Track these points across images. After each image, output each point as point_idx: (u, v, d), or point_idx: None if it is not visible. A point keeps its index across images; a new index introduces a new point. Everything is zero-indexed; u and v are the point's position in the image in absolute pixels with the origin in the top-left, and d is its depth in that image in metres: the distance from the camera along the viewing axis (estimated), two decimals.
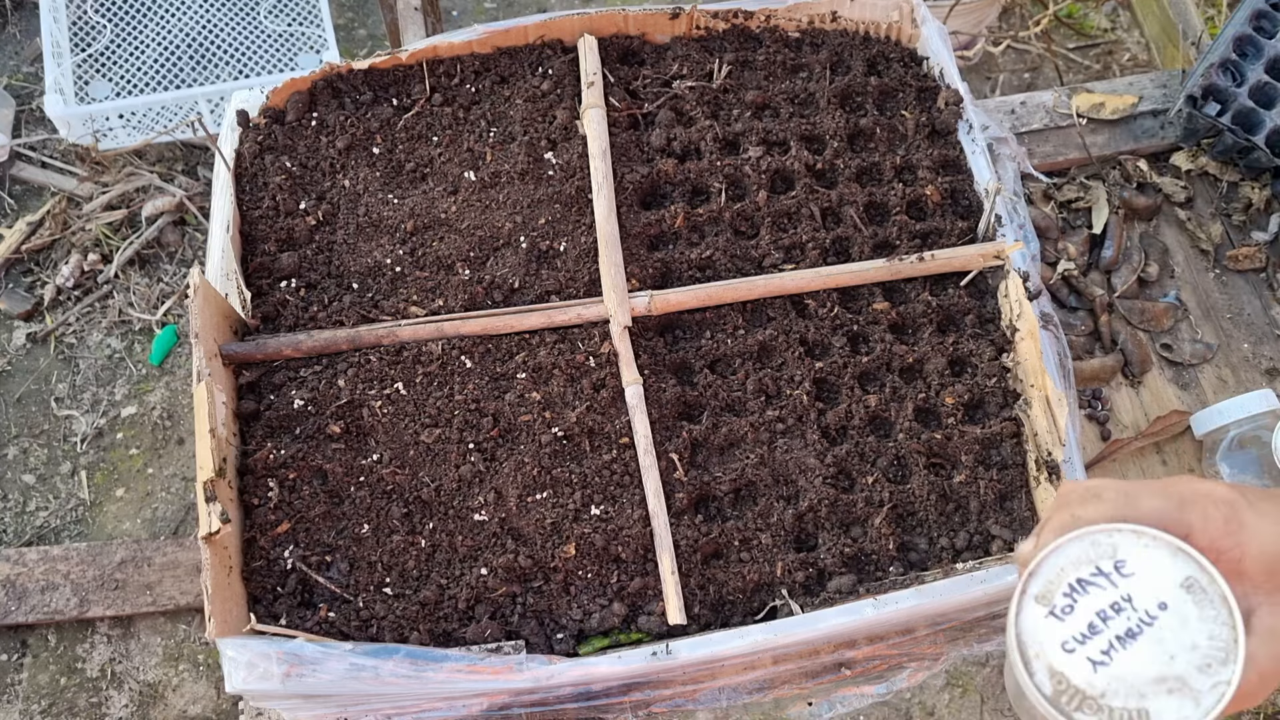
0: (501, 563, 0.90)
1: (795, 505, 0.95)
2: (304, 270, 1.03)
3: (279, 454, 0.93)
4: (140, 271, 1.51)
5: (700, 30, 1.18)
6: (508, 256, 1.04)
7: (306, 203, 1.06)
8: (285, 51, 1.69)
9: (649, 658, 0.85)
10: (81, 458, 1.38)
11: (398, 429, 0.95)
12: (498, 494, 0.93)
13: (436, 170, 1.09)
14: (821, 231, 1.07)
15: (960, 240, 1.08)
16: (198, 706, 1.20)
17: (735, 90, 1.15)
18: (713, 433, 0.97)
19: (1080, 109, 1.38)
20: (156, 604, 1.19)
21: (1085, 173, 1.38)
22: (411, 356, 0.98)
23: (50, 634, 1.24)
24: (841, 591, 0.90)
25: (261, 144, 1.08)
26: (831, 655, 0.97)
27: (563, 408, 0.97)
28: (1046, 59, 1.65)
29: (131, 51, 1.66)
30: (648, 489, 0.92)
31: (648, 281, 1.03)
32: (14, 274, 1.52)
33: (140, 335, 1.47)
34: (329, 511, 0.92)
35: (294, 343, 0.98)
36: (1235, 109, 1.30)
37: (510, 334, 1.00)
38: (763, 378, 1.00)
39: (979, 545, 0.94)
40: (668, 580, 0.89)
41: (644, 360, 0.99)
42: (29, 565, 1.21)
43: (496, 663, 0.83)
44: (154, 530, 1.33)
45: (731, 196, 1.09)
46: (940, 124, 1.14)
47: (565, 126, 1.10)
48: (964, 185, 1.11)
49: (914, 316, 1.05)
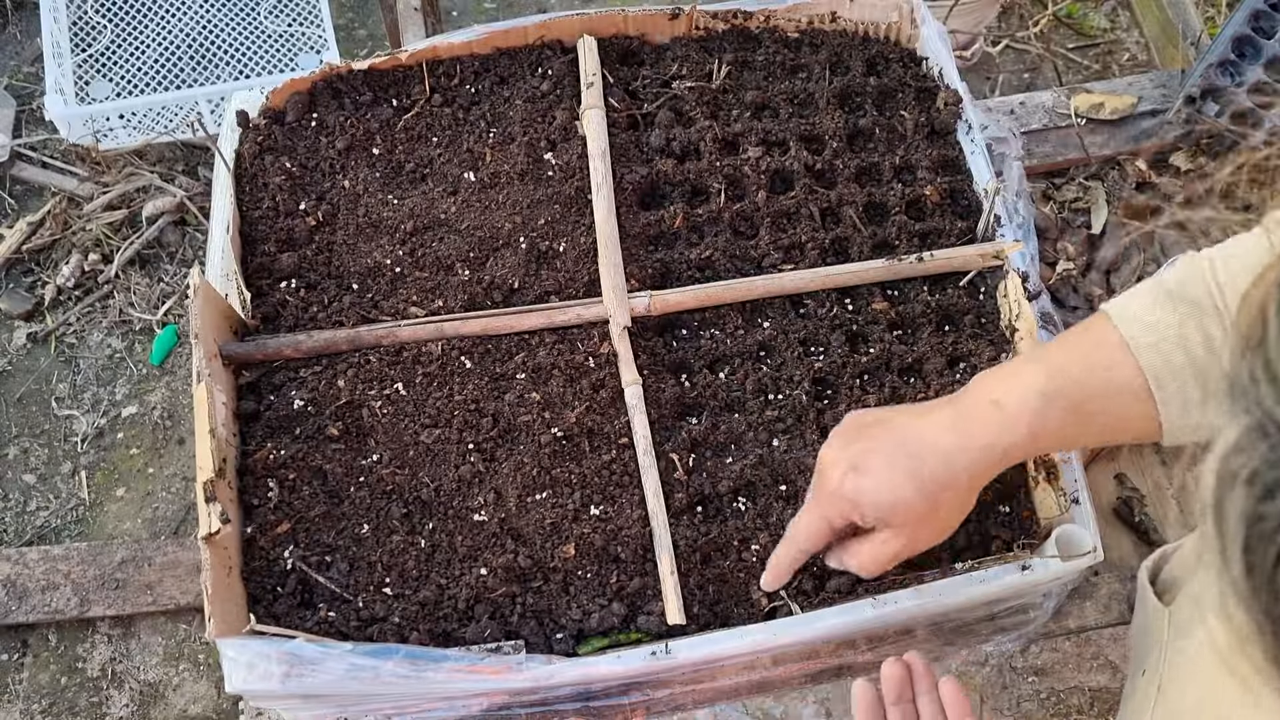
0: (501, 563, 0.90)
1: (795, 505, 0.95)
2: (304, 271, 1.03)
3: (279, 454, 0.93)
4: (140, 271, 1.51)
5: (700, 31, 1.18)
6: (507, 257, 1.04)
7: (306, 203, 1.07)
8: (285, 51, 1.69)
9: (648, 658, 0.85)
10: (82, 458, 1.38)
11: (397, 429, 0.95)
12: (497, 494, 0.93)
13: (436, 171, 1.09)
14: (821, 231, 1.08)
15: (959, 240, 1.08)
16: (198, 706, 1.20)
17: (735, 90, 1.15)
18: (712, 432, 0.97)
19: (1079, 109, 1.39)
20: (157, 604, 1.19)
21: (1085, 173, 1.39)
22: (411, 357, 0.98)
23: (51, 633, 1.24)
24: (840, 591, 0.90)
25: (261, 144, 1.08)
26: (831, 656, 0.97)
27: (562, 408, 0.97)
28: (1046, 59, 1.65)
29: (132, 51, 1.66)
30: (647, 489, 0.93)
31: (647, 282, 1.03)
32: (14, 274, 1.52)
33: (141, 335, 1.47)
34: (329, 512, 0.92)
35: (294, 343, 0.98)
36: (1234, 109, 1.30)
37: (510, 334, 1.00)
38: (762, 377, 1.00)
39: (978, 545, 0.94)
40: (667, 580, 0.89)
41: (643, 360, 0.99)
42: (30, 565, 1.21)
43: (496, 663, 0.83)
44: (154, 530, 1.33)
45: (731, 196, 1.09)
46: (939, 124, 1.14)
47: (565, 127, 1.10)
48: (963, 185, 1.11)
49: (913, 316, 1.05)
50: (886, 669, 0.80)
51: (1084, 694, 1.09)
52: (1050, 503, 0.93)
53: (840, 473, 0.73)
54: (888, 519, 0.74)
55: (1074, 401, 0.71)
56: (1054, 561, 0.88)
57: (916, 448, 0.72)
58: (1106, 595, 1.12)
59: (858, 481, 0.72)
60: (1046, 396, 0.71)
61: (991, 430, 0.72)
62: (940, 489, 0.73)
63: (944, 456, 0.72)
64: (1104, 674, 1.09)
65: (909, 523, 0.74)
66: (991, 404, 0.72)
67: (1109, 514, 1.18)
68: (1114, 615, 1.11)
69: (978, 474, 0.73)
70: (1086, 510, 0.92)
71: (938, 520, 0.75)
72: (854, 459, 0.73)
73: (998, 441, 0.72)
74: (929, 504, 0.73)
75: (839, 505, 0.75)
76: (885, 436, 0.74)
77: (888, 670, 0.80)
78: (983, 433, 0.72)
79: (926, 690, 0.79)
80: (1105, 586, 1.12)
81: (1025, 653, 1.07)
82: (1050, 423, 0.71)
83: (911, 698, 0.79)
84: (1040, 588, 0.94)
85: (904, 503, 0.72)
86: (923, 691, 0.79)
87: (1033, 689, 1.06)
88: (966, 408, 0.73)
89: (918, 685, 0.80)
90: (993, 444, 0.72)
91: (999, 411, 0.72)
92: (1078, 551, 0.89)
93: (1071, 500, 0.92)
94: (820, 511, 0.76)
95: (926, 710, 0.78)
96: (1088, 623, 1.11)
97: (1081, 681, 1.09)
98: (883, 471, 0.72)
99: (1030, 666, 1.07)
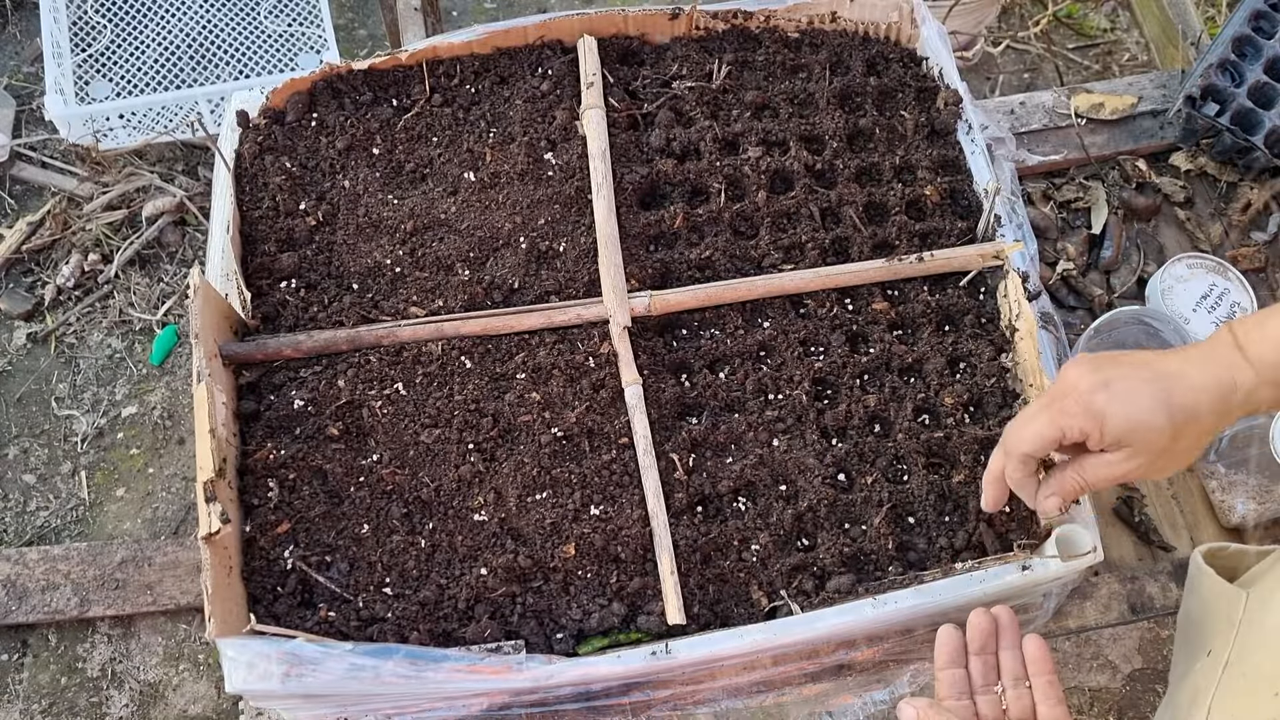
0: (501, 563, 0.90)
1: (794, 505, 0.95)
2: (304, 270, 1.03)
3: (279, 454, 0.93)
4: (140, 271, 1.51)
5: (700, 31, 1.18)
6: (507, 257, 1.04)
7: (306, 203, 1.07)
8: (285, 51, 1.69)
9: (648, 658, 0.85)
10: (82, 458, 1.38)
11: (397, 429, 0.95)
12: (497, 494, 0.93)
13: (436, 171, 1.09)
14: (821, 231, 1.08)
15: (959, 240, 1.08)
16: (198, 706, 1.20)
17: (735, 90, 1.15)
18: (712, 432, 0.97)
19: (1080, 109, 1.39)
20: (157, 604, 1.19)
21: (1084, 173, 1.38)
22: (411, 357, 0.98)
23: (51, 633, 1.24)
24: (840, 591, 0.90)
25: (261, 144, 1.08)
26: (831, 656, 0.97)
27: (562, 408, 0.97)
28: (1046, 59, 1.65)
29: (131, 51, 1.66)
30: (647, 489, 0.93)
31: (647, 282, 1.03)
32: (14, 274, 1.52)
33: (141, 335, 1.47)
34: (329, 511, 0.92)
35: (294, 343, 0.98)
36: (1234, 109, 1.30)
37: (510, 334, 1.00)
38: (762, 377, 1.00)
39: (978, 545, 0.94)
40: (667, 580, 0.89)
41: (643, 360, 0.99)
42: (29, 565, 1.21)
43: (496, 663, 0.83)
44: (154, 530, 1.33)
45: (731, 196, 1.09)
46: (939, 124, 1.14)
47: (565, 127, 1.10)
48: (963, 185, 1.11)
49: (913, 316, 1.05)
50: (974, 618, 0.81)
51: (1084, 694, 1.09)
52: None
53: (1091, 386, 0.74)
54: (1130, 440, 0.75)
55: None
56: (1054, 561, 0.88)
57: (1166, 379, 0.74)
58: (1106, 595, 1.12)
59: (1109, 398, 0.74)
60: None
61: (1235, 372, 0.74)
62: (1187, 420, 0.74)
63: (1192, 390, 0.74)
64: (1104, 674, 1.09)
65: (1149, 448, 0.75)
66: (1236, 348, 0.75)
67: (1109, 514, 1.18)
68: (1114, 615, 1.11)
69: (1221, 412, 0.75)
70: (1086, 510, 0.92)
71: (1177, 451, 0.76)
72: (1107, 378, 0.74)
73: (1240, 383, 0.74)
74: (1173, 432, 0.74)
75: (1082, 419, 0.75)
76: (1137, 363, 0.76)
77: (975, 620, 0.81)
78: (1226, 374, 0.74)
79: (1010, 645, 0.81)
80: (1105, 586, 1.12)
81: None
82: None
83: (994, 649, 0.81)
84: (1040, 588, 0.94)
85: (1151, 426, 0.74)
86: (1007, 646, 0.81)
87: None
88: (1212, 348, 0.76)
89: (1002, 639, 0.81)
90: (1235, 385, 0.74)
91: (1241, 356, 0.74)
92: (1078, 551, 0.89)
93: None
94: (1059, 421, 0.76)
95: (1008, 664, 0.80)
96: (1088, 623, 1.10)
97: (1081, 681, 1.09)
98: (1134, 394, 0.74)
99: None
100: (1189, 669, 0.89)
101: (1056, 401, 0.76)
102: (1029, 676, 0.79)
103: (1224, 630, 0.85)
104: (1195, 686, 0.85)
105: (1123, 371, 0.75)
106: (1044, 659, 0.79)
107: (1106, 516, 1.18)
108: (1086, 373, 0.76)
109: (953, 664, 0.80)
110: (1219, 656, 0.83)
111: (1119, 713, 1.08)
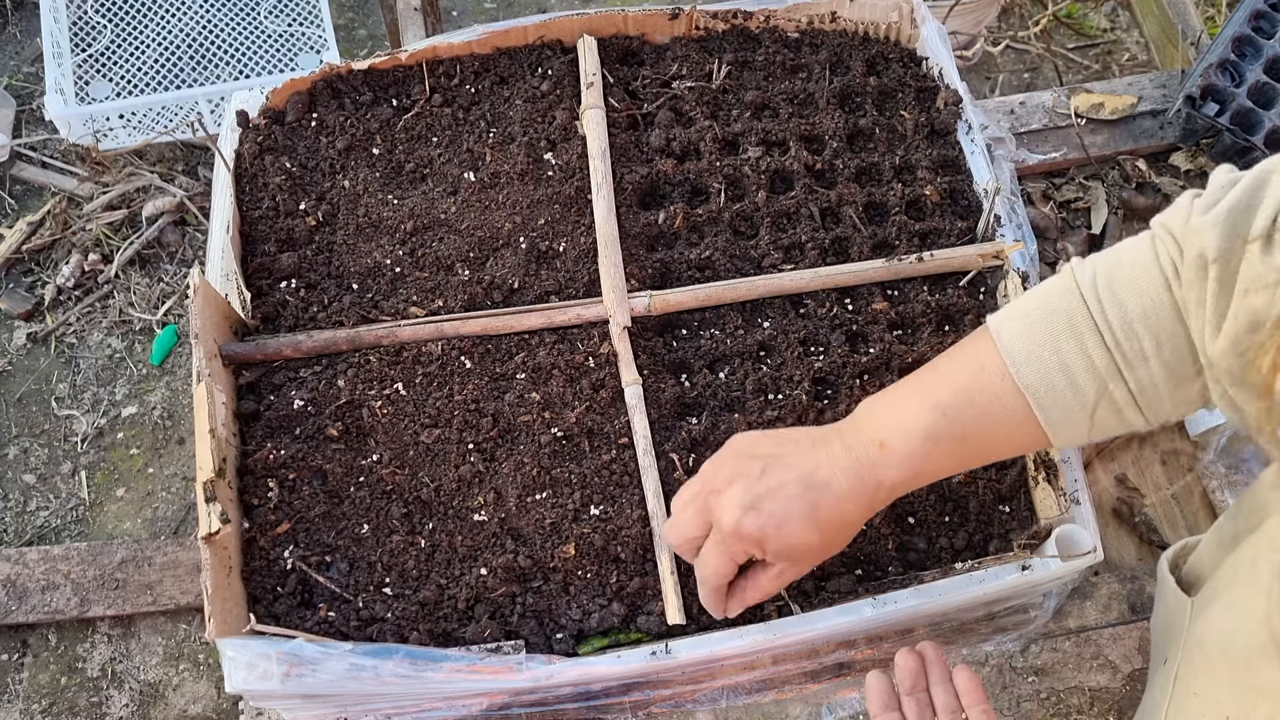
0: (501, 563, 0.90)
1: None
2: (304, 270, 1.03)
3: (279, 454, 0.93)
4: (140, 271, 1.51)
5: (700, 30, 1.18)
6: (507, 257, 1.04)
7: (306, 203, 1.07)
8: (285, 51, 1.69)
9: (648, 658, 0.85)
10: (82, 457, 1.38)
11: (397, 429, 0.95)
12: (497, 494, 0.93)
13: (436, 171, 1.09)
14: (821, 231, 1.08)
15: (959, 240, 1.08)
16: (198, 706, 1.20)
17: (735, 90, 1.15)
18: (712, 432, 0.97)
19: (1079, 109, 1.39)
20: (157, 604, 1.19)
21: (1084, 173, 1.39)
22: (411, 357, 0.98)
23: (51, 633, 1.24)
24: (840, 591, 0.90)
25: (261, 144, 1.08)
26: (831, 655, 0.97)
27: (562, 408, 0.97)
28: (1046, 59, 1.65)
29: (131, 51, 1.66)
30: (647, 489, 0.93)
31: (647, 282, 1.03)
32: (14, 274, 1.52)
33: (141, 335, 1.47)
34: (329, 512, 0.92)
35: (294, 343, 0.98)
36: (1234, 109, 1.30)
37: (510, 334, 1.00)
38: (762, 377, 1.00)
39: (978, 545, 0.94)
40: (667, 580, 0.89)
41: (643, 360, 0.99)
42: (29, 565, 1.21)
43: (496, 663, 0.83)
44: (154, 530, 1.33)
45: (731, 196, 1.09)
46: (939, 124, 1.14)
47: (565, 127, 1.10)
48: (963, 185, 1.11)
49: (913, 316, 1.05)
50: (900, 659, 0.80)
51: (1084, 694, 1.09)
52: (1050, 503, 0.93)
53: (740, 513, 0.74)
54: (788, 555, 0.76)
55: (958, 437, 0.74)
56: (1054, 561, 0.88)
57: (813, 491, 0.74)
58: (1106, 595, 1.12)
59: (759, 522, 0.74)
60: (933, 438, 0.73)
61: (879, 471, 0.74)
62: (837, 530, 0.76)
63: (838, 500, 0.75)
64: (1104, 674, 1.09)
65: (806, 558, 0.78)
66: (879, 446, 0.75)
67: (1109, 514, 1.18)
68: (1114, 615, 1.11)
69: (868, 508, 0.76)
70: (1086, 510, 0.92)
71: (829, 550, 0.78)
72: (756, 497, 0.74)
73: (884, 481, 0.75)
74: (824, 542, 0.76)
75: (742, 545, 0.76)
76: (786, 466, 0.75)
77: (901, 661, 0.80)
78: (871, 475, 0.74)
79: (940, 680, 0.80)
80: (1105, 586, 1.12)
81: (1025, 653, 1.07)
82: (934, 461, 0.74)
83: (925, 687, 0.80)
84: (1040, 588, 0.94)
85: (805, 544, 0.75)
86: (936, 681, 0.80)
87: (1033, 689, 1.06)
88: (854, 446, 0.76)
89: (931, 675, 0.80)
90: (880, 483, 0.75)
91: (886, 454, 0.74)
92: (1078, 551, 0.89)
93: (1072, 500, 0.92)
94: (726, 552, 0.77)
95: (941, 700, 0.79)
96: (1088, 623, 1.11)
97: (1081, 681, 1.09)
98: (785, 516, 0.74)
99: (1030, 666, 1.07)
100: (1153, 677, 0.89)
101: (719, 530, 0.76)
102: (964, 709, 0.78)
103: (1175, 639, 0.84)
104: (1154, 698, 0.85)
105: (771, 485, 0.74)
106: (975, 689, 0.78)
107: (1106, 516, 1.18)
108: (735, 490, 0.75)
109: (886, 709, 0.79)
110: (1170, 668, 0.83)
111: (1119, 713, 1.08)
